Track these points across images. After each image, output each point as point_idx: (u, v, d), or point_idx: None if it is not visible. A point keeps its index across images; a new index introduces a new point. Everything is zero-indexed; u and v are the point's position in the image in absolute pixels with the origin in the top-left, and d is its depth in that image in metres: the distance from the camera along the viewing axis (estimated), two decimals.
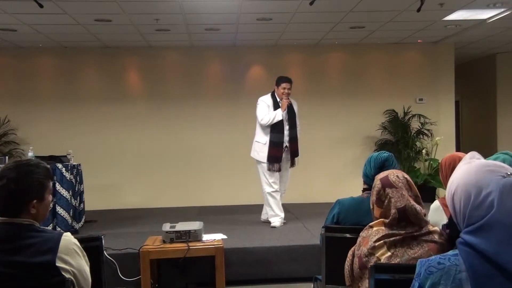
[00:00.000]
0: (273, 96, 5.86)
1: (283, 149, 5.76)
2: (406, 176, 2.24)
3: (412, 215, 2.12)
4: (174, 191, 8.06)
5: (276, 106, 5.79)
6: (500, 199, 1.26)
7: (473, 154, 1.48)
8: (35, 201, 2.01)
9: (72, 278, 1.98)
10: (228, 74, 8.27)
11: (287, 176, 6.03)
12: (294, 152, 5.86)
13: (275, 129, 5.72)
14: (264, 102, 5.82)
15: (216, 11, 6.16)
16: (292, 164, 5.93)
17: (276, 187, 5.84)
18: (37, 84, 8.04)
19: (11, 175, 1.99)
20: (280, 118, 5.68)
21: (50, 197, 2.12)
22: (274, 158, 5.71)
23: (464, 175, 1.36)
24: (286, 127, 5.77)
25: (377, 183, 2.24)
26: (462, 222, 1.34)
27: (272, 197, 5.84)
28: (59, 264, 1.94)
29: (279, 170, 5.77)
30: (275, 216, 5.86)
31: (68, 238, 2.01)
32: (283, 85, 5.77)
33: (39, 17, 6.12)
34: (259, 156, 5.85)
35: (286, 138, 5.77)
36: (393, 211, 2.13)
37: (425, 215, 2.16)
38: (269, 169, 5.76)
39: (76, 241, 2.05)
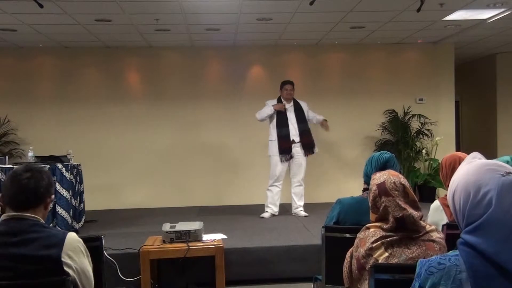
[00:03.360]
0: (279, 100, 6.53)
1: (290, 141, 6.41)
2: (403, 181, 2.18)
3: (410, 223, 2.10)
4: (174, 191, 8.06)
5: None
6: (499, 197, 1.26)
7: (475, 154, 1.48)
8: (53, 196, 2.15)
9: (74, 275, 2.00)
10: (228, 74, 8.27)
11: (299, 169, 6.56)
12: (307, 145, 6.50)
13: (279, 124, 6.44)
14: (267, 104, 6.53)
15: (216, 11, 6.16)
16: (306, 154, 6.52)
17: (277, 182, 6.54)
18: (37, 84, 8.04)
19: (39, 168, 2.12)
20: (268, 112, 6.44)
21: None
22: (283, 150, 6.42)
23: (464, 174, 1.36)
24: (293, 123, 6.45)
25: (373, 188, 2.20)
26: (462, 221, 1.34)
27: (269, 191, 6.59)
28: (64, 259, 1.97)
29: (291, 158, 6.47)
30: (266, 207, 6.59)
31: (73, 236, 2.06)
32: (285, 86, 6.50)
33: (39, 17, 6.12)
34: (269, 151, 6.58)
35: (294, 132, 6.45)
36: (391, 219, 2.11)
37: (422, 217, 2.15)
38: (281, 161, 6.45)
39: (81, 240, 2.10)
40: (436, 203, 3.05)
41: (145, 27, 6.88)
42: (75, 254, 2.02)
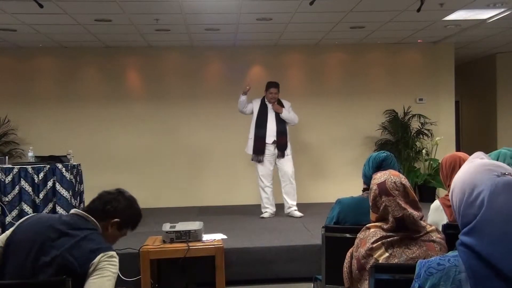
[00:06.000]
0: (262, 100, 6.60)
1: (265, 142, 6.46)
2: (404, 181, 2.17)
3: (410, 223, 2.10)
4: (174, 191, 8.06)
5: (262, 108, 6.54)
6: (490, 198, 1.26)
7: (478, 154, 1.48)
8: (118, 220, 2.26)
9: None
10: (228, 74, 8.27)
11: (285, 169, 6.55)
12: (281, 146, 6.49)
13: (258, 124, 6.51)
14: (252, 102, 6.64)
15: (216, 11, 6.16)
16: (282, 155, 6.51)
17: (267, 182, 6.57)
18: (37, 84, 8.04)
19: (128, 195, 2.38)
20: (240, 100, 6.57)
21: (121, 234, 2.38)
22: (257, 150, 6.51)
23: (462, 173, 1.37)
24: (272, 123, 6.47)
25: (373, 187, 2.20)
26: (458, 220, 1.34)
27: (263, 192, 6.62)
28: (84, 268, 1.97)
29: (262, 160, 6.51)
30: (264, 208, 6.62)
31: (108, 255, 2.05)
32: (270, 90, 6.50)
33: (39, 17, 6.12)
34: (247, 148, 6.66)
35: (272, 132, 6.47)
36: (390, 219, 2.11)
37: (422, 217, 2.14)
38: (252, 159, 6.58)
39: (114, 261, 2.08)
40: (436, 203, 3.05)
41: (145, 27, 6.88)
42: (98, 269, 2.00)
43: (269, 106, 6.52)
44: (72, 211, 2.21)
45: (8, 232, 2.14)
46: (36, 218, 2.16)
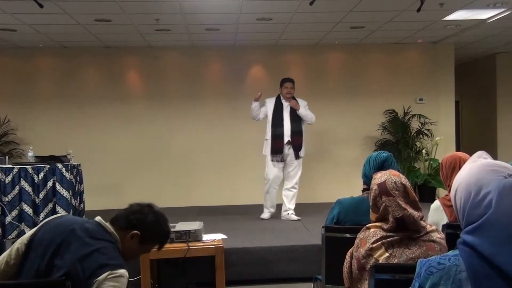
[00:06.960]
0: (277, 98, 6.39)
1: (283, 141, 6.24)
2: (404, 181, 2.17)
3: (410, 223, 2.10)
4: (174, 191, 8.05)
5: (277, 107, 6.31)
6: (498, 199, 1.26)
7: (481, 153, 1.47)
8: (138, 233, 2.18)
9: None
10: (228, 74, 8.27)
11: (293, 172, 6.38)
12: (295, 147, 6.30)
13: (274, 123, 6.28)
14: (265, 102, 6.42)
15: (216, 11, 6.16)
16: (297, 157, 6.32)
17: (273, 184, 6.40)
18: (37, 84, 8.04)
19: (159, 212, 2.30)
20: (252, 106, 6.36)
21: (143, 250, 2.29)
22: (275, 150, 6.27)
23: (466, 173, 1.37)
24: (288, 123, 6.24)
25: (374, 187, 2.20)
26: (462, 219, 1.35)
27: (267, 193, 6.49)
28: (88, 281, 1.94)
29: (282, 160, 6.29)
30: (265, 208, 6.52)
31: (120, 273, 1.98)
32: (285, 84, 6.31)
33: (39, 17, 6.12)
34: (264, 150, 6.43)
35: (288, 132, 6.24)
36: (390, 219, 2.11)
37: (422, 217, 2.15)
38: (272, 160, 6.30)
39: (123, 283, 2.00)
40: (436, 203, 3.05)
41: (145, 27, 6.88)
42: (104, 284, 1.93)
43: (285, 105, 6.30)
44: (96, 219, 2.19)
45: (33, 230, 2.17)
46: (62, 219, 2.18)
